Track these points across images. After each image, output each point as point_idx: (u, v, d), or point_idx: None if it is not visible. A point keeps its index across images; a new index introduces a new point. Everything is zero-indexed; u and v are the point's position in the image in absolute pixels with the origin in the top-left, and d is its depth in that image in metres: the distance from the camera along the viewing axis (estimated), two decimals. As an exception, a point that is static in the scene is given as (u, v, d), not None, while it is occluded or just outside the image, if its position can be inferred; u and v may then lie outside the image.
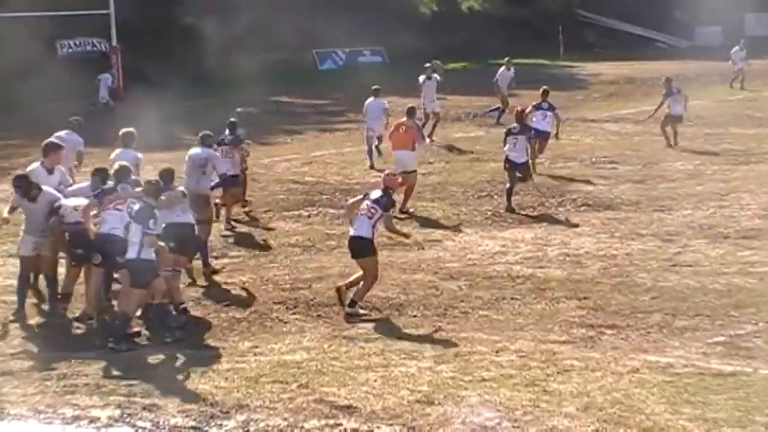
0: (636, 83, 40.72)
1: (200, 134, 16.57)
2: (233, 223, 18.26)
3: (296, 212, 19.48)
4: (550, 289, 13.78)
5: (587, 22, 64.43)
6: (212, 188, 16.35)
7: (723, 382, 10.23)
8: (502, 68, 31.92)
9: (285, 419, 9.78)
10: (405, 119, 19.95)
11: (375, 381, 10.64)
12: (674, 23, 66.45)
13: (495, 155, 25.61)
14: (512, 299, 13.44)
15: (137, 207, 12.14)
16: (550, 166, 23.02)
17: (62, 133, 16.48)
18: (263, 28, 42.65)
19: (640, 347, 11.38)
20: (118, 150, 15.78)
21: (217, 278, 15.02)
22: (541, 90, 23.51)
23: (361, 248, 13.12)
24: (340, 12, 46.59)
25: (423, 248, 16.31)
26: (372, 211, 13.15)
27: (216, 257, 16.26)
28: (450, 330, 12.26)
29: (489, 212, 18.75)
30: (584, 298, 13.27)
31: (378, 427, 9.55)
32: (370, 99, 24.42)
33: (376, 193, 13.36)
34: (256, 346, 11.93)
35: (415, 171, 19.11)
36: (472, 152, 25.84)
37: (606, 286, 13.81)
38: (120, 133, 16.05)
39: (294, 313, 13.23)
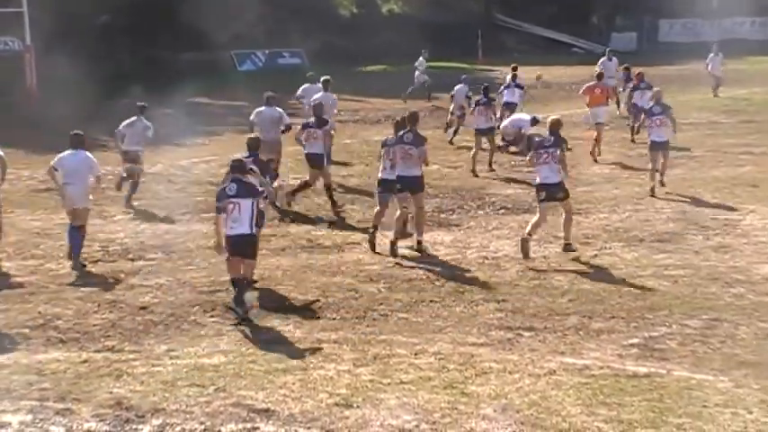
0: (553, 88, 41.16)
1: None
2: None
3: (212, 215, 19.23)
4: (469, 291, 13.84)
5: (506, 27, 65.03)
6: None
7: (638, 383, 10.35)
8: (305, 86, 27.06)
9: (202, 423, 9.66)
10: (596, 82, 25.37)
11: (293, 384, 10.57)
12: (590, 29, 67.50)
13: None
14: (431, 301, 13.46)
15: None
16: (469, 169, 23.14)
17: None
18: (181, 28, 42.26)
19: (557, 349, 11.47)
20: (66, 152, 15.81)
21: (133, 280, 14.82)
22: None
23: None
24: (259, 13, 46.38)
25: (342, 251, 16.28)
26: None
27: (132, 260, 16.07)
28: (370, 333, 12.24)
29: (410, 215, 18.73)
30: (503, 300, 13.35)
31: (295, 431, 9.48)
32: (320, 94, 23.37)
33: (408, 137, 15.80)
34: (173, 350, 11.78)
35: (603, 123, 24.79)
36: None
37: (524, 289, 13.91)
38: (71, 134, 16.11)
39: (212, 316, 13.10)
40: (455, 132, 28.11)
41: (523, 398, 10.04)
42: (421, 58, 39.76)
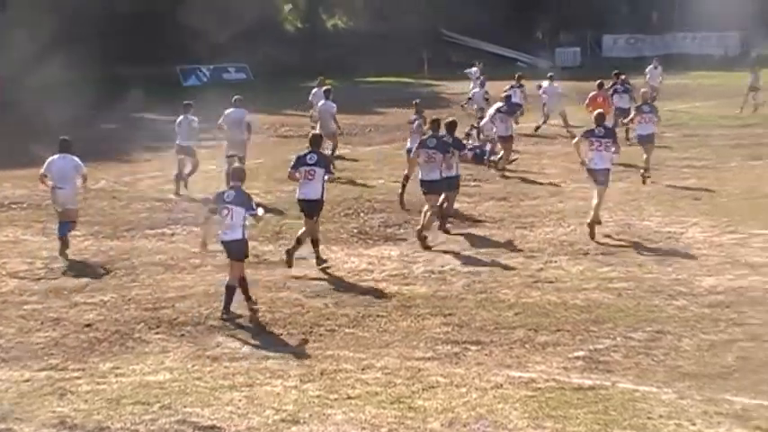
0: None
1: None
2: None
3: (159, 230, 19.19)
4: (416, 306, 13.85)
5: (452, 42, 65.42)
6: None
7: (583, 396, 10.41)
8: (315, 90, 29.82)
9: (147, 442, 9.58)
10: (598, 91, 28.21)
11: (240, 400, 10.52)
12: (535, 44, 68.10)
13: (360, 172, 25.76)
14: (378, 316, 13.45)
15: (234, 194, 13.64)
16: (414, 184, 23.18)
17: None
18: (125, 43, 42.02)
19: (504, 363, 11.52)
20: (55, 156, 17.12)
21: (77, 298, 14.67)
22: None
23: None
24: (204, 28, 46.22)
25: (289, 267, 16.21)
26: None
27: (75, 277, 15.91)
28: (316, 348, 12.21)
29: (356, 230, 18.78)
30: (450, 314, 13.38)
31: (242, 448, 9.43)
32: (321, 101, 26.44)
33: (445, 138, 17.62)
34: (118, 367, 11.67)
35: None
36: (340, 170, 25.84)
37: (471, 302, 13.95)
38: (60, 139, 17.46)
39: (157, 333, 12.99)
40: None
41: (470, 411, 10.07)
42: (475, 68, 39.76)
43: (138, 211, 21.04)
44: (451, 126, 18.48)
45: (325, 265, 16.05)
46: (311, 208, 16.08)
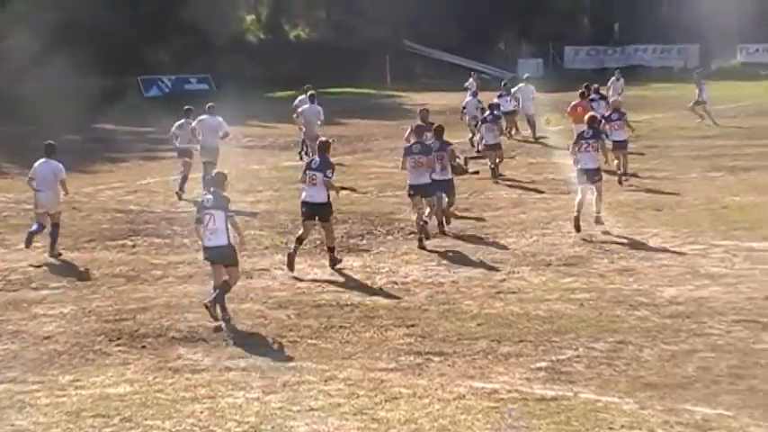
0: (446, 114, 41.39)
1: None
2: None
3: (120, 242, 19.07)
4: (379, 317, 13.83)
5: (414, 53, 65.59)
6: None
7: (545, 406, 10.42)
8: (302, 97, 29.97)
9: (107, 455, 9.49)
10: (579, 100, 28.52)
11: (201, 413, 10.44)
12: (497, 56, 68.50)
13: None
14: (340, 327, 13.42)
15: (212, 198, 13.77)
16: (379, 195, 23.23)
17: None
18: (83, 53, 41.74)
19: (466, 374, 11.51)
20: (41, 160, 18.01)
21: (36, 310, 14.53)
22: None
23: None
24: (165, 38, 46.07)
25: (251, 277, 16.15)
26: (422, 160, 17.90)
27: (35, 289, 15.77)
28: (279, 360, 12.15)
29: (318, 241, 18.72)
30: (412, 325, 13.36)
31: (204, 461, 9.37)
32: (306, 105, 27.74)
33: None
34: (77, 380, 11.55)
35: None
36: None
37: (434, 313, 13.94)
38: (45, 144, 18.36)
39: (117, 345, 12.88)
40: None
41: (433, 423, 10.05)
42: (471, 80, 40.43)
43: (98, 222, 20.89)
44: (438, 130, 19.37)
45: (339, 265, 16.54)
46: (316, 211, 16.41)
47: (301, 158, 26.71)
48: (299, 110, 28.10)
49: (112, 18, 47.16)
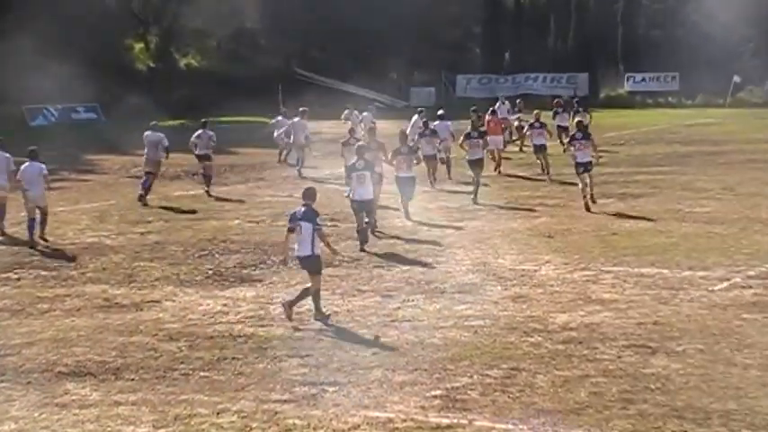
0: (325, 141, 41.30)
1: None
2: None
3: (4, 275, 18.57)
4: (272, 347, 13.67)
5: (307, 82, 65.55)
6: None
7: (441, 434, 10.39)
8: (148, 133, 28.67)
9: (-10, 497, 9.15)
10: (492, 116, 34.03)
11: (89, 450, 10.15)
12: (390, 84, 68.95)
13: (215, 212, 25.47)
14: (233, 358, 13.22)
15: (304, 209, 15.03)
16: (272, 224, 23.05)
17: None
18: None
19: (361, 403, 11.42)
20: (26, 163, 21.46)
21: None
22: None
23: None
24: (51, 67, 45.19)
25: (141, 310, 15.86)
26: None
27: None
28: (170, 393, 11.90)
29: (210, 271, 18.50)
30: (307, 356, 13.23)
31: (92, 500, 9.09)
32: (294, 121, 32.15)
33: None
34: (-41, 419, 11.16)
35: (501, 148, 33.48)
36: (193, 211, 25.61)
37: (328, 343, 13.83)
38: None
39: (1, 381, 12.48)
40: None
41: (329, 454, 9.93)
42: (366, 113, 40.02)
43: (-18, 255, 20.33)
44: (402, 135, 24.64)
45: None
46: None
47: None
48: (288, 124, 34.20)
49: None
